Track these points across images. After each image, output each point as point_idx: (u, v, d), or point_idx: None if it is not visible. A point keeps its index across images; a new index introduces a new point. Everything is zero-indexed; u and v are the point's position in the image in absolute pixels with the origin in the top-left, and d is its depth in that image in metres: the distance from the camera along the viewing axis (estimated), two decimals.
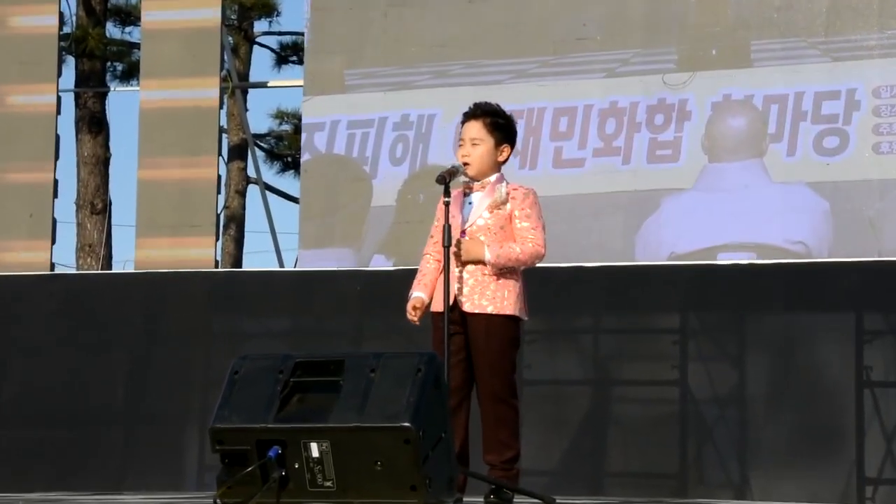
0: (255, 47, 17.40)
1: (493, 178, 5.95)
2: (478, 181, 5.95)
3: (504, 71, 10.02)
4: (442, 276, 5.78)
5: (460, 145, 5.98)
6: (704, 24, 9.72)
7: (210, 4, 10.00)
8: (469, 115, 6.00)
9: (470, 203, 5.95)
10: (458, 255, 5.80)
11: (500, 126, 5.98)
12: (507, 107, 6.08)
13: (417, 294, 5.91)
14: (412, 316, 5.88)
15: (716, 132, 9.49)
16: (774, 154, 9.34)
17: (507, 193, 5.91)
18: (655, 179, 9.55)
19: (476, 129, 5.95)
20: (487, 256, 5.81)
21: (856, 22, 9.37)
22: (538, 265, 6.01)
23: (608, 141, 9.66)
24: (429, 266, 5.96)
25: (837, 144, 9.25)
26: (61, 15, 10.33)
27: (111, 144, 14.56)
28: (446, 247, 5.75)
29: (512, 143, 6.03)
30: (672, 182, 9.52)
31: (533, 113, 9.64)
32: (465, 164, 5.93)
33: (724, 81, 9.54)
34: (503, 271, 5.85)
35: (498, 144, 5.95)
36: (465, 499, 5.42)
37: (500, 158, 5.98)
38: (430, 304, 5.89)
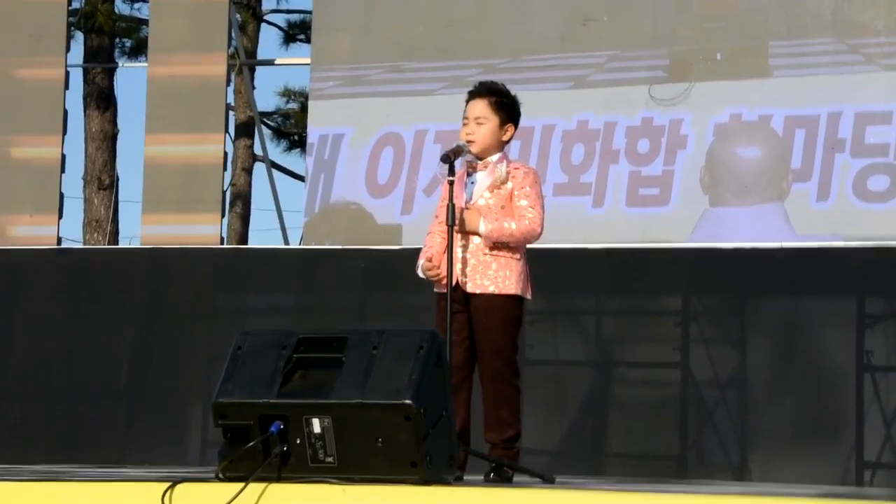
0: (263, 25, 17.39)
1: (496, 157, 5.97)
2: (481, 160, 5.98)
3: (437, 78, 8.33)
4: (445, 254, 5.81)
5: (464, 124, 6.00)
6: (706, 16, 7.50)
7: None
8: (474, 94, 6.03)
9: (473, 182, 5.98)
10: (459, 230, 5.84)
11: (505, 105, 6.00)
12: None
13: (428, 254, 5.92)
14: (428, 269, 5.87)
15: (720, 165, 7.40)
16: (800, 197, 7.30)
17: (508, 172, 5.94)
18: (638, 228, 7.61)
19: (481, 107, 5.97)
20: (482, 228, 5.85)
21: None
22: (541, 245, 6.03)
23: (574, 174, 7.60)
24: (434, 240, 5.99)
25: (888, 186, 7.12)
26: None
27: (119, 120, 14.60)
28: (450, 226, 5.78)
29: (516, 123, 6.05)
30: (660, 232, 7.60)
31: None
32: (470, 142, 5.96)
33: (733, 96, 7.38)
34: (503, 251, 5.88)
35: (502, 123, 5.98)
36: (465, 476, 5.46)
37: (504, 137, 6.00)
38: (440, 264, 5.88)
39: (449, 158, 5.86)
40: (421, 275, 5.95)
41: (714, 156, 7.46)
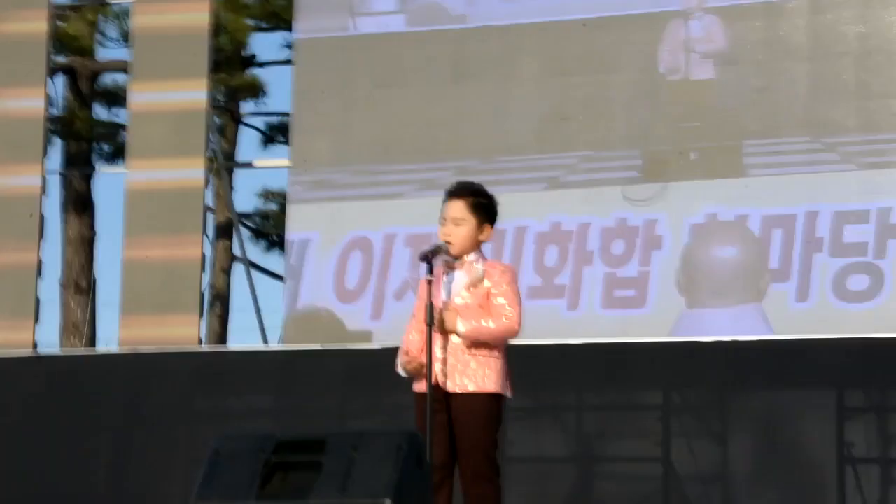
0: (242, 127, 17.49)
1: (472, 256, 5.99)
2: (458, 259, 6.00)
3: (409, 181, 8.34)
4: (424, 354, 5.80)
5: (442, 223, 6.02)
6: (680, 115, 7.50)
7: (197, 87, 10.07)
8: (452, 194, 6.05)
9: (450, 281, 5.99)
10: (437, 329, 5.83)
11: (483, 206, 6.02)
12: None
13: (405, 349, 5.91)
14: (407, 364, 5.86)
15: (696, 266, 7.37)
16: (778, 298, 7.26)
17: (484, 271, 5.95)
18: (615, 331, 7.56)
19: (458, 208, 6.00)
20: (460, 328, 5.84)
21: (893, 116, 7.10)
22: (522, 342, 6.03)
23: (548, 277, 7.55)
24: (412, 340, 5.99)
25: (868, 286, 7.10)
26: (49, 97, 10.40)
27: (97, 224, 14.62)
28: (429, 325, 5.78)
29: (493, 223, 6.07)
30: (637, 334, 7.55)
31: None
32: (448, 242, 5.98)
33: (708, 196, 7.34)
34: (483, 349, 5.88)
35: (480, 224, 6.00)
36: None
37: (482, 237, 6.02)
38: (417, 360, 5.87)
39: (427, 258, 5.87)
40: (401, 372, 5.94)
41: (690, 256, 7.38)
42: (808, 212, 7.08)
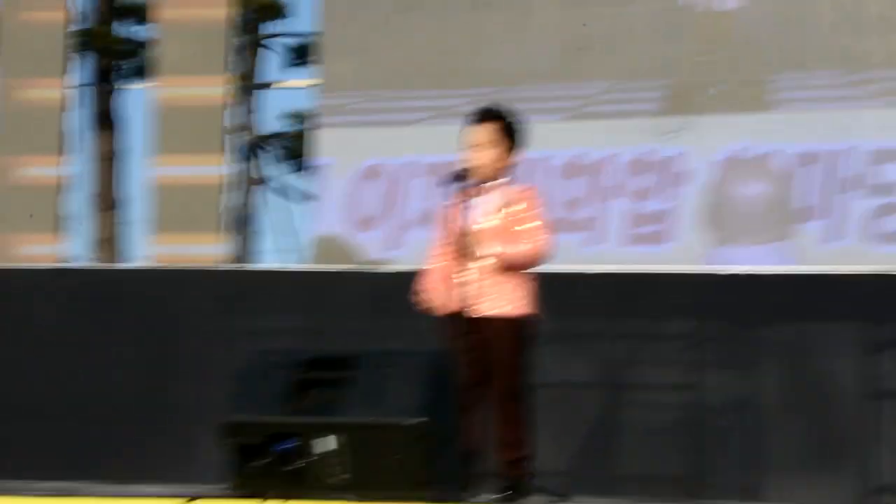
0: (265, 48, 17.42)
1: (499, 180, 5.96)
2: (486, 183, 5.97)
3: (422, 108, 8.04)
4: (452, 277, 5.79)
5: (467, 148, 5.98)
6: (706, 46, 7.15)
7: (219, 4, 10.03)
8: (480, 118, 6.02)
9: (477, 206, 5.97)
10: (467, 253, 5.81)
11: (511, 129, 6.00)
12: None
13: (428, 285, 5.91)
14: (428, 302, 5.89)
15: (723, 203, 7.12)
16: (807, 238, 7.02)
17: (513, 195, 5.93)
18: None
19: (487, 132, 5.97)
20: (493, 250, 5.83)
21: None
22: (551, 269, 6.02)
23: (567, 211, 7.30)
24: (437, 266, 5.98)
25: None
26: (71, 11, 10.36)
27: (124, 140, 14.62)
28: (460, 248, 5.76)
29: (521, 146, 6.04)
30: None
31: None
32: (474, 167, 5.94)
33: (736, 130, 7.05)
34: (513, 272, 5.87)
35: (507, 148, 5.98)
36: (476, 497, 5.42)
37: (511, 161, 5.99)
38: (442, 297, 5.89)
39: (457, 181, 5.85)
40: (423, 306, 5.95)
41: (716, 193, 7.09)
42: (840, 149, 6.81)
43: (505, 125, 5.98)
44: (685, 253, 7.40)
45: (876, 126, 6.75)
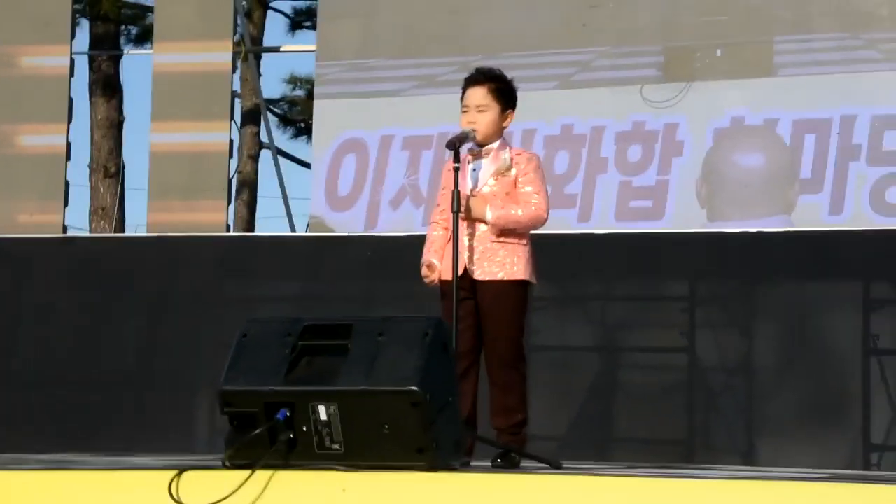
0: (269, 12, 17.39)
1: (497, 144, 5.97)
2: (483, 147, 5.98)
3: (406, 77, 7.66)
4: (450, 242, 5.81)
5: (464, 111, 6.00)
6: (704, 10, 6.64)
7: None
8: (472, 81, 6.03)
9: (475, 169, 5.99)
10: (464, 217, 5.84)
11: (504, 91, 6.01)
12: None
13: (430, 259, 5.95)
14: (427, 276, 5.93)
15: (719, 175, 6.73)
16: (809, 210, 6.65)
17: (511, 159, 5.94)
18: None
19: (481, 95, 5.98)
20: (489, 215, 5.86)
21: None
22: (548, 231, 6.03)
23: (557, 185, 6.92)
24: (436, 234, 6.00)
25: None
26: None
27: (125, 108, 14.62)
28: (455, 212, 5.78)
29: (514, 108, 6.05)
30: None
31: (445, 138, 5.76)
32: (471, 130, 5.96)
33: (734, 97, 6.65)
34: (510, 237, 5.90)
35: (503, 110, 5.99)
36: (472, 463, 5.47)
37: (505, 124, 6.01)
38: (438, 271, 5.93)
39: (454, 145, 5.87)
40: (421, 272, 5.96)
41: (713, 164, 6.74)
42: (844, 116, 6.42)
43: (498, 87, 5.99)
44: (678, 229, 7.25)
45: (884, 91, 6.38)
